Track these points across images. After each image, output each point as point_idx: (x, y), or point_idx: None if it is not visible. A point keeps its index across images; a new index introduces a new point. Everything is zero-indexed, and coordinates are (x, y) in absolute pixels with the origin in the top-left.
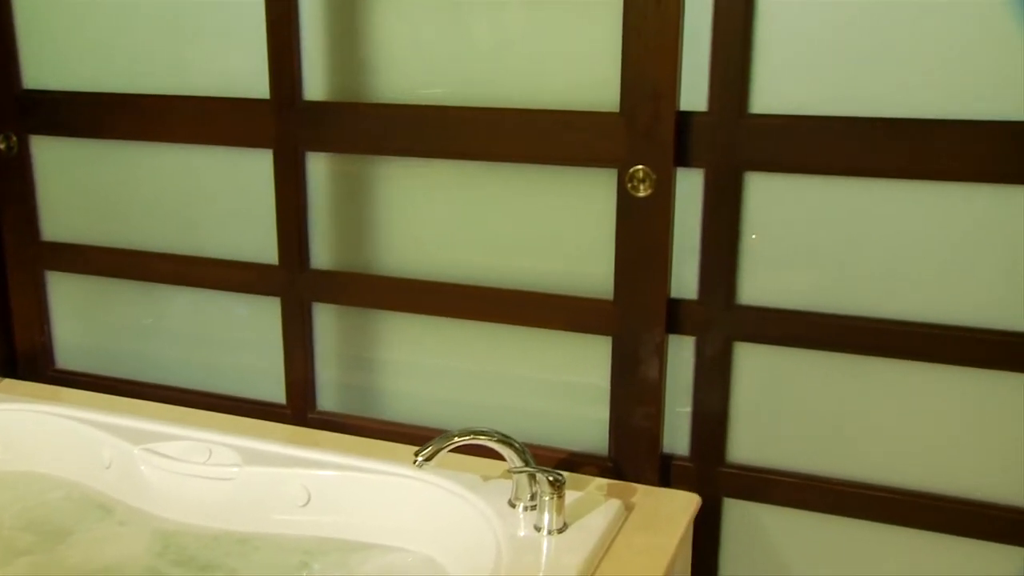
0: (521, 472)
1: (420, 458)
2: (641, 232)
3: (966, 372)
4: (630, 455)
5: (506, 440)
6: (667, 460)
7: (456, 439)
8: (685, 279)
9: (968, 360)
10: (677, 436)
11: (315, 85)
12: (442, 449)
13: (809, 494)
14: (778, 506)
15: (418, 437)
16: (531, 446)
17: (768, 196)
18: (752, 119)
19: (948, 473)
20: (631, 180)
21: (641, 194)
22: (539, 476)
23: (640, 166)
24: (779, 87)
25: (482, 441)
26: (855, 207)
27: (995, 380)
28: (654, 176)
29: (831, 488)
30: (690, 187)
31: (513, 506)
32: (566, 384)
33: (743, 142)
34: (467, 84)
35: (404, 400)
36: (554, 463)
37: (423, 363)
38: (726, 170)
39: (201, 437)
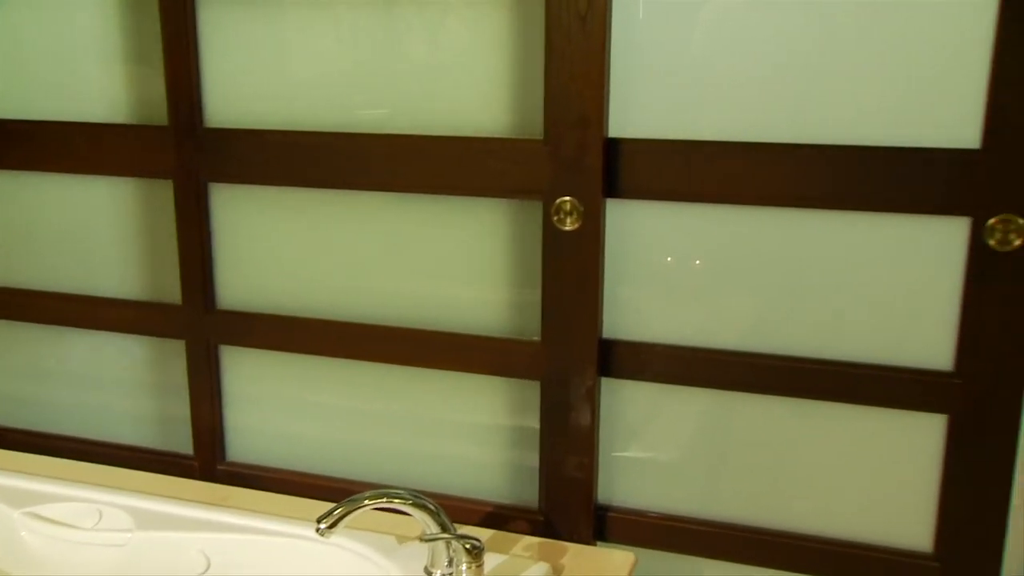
0: (436, 539)
1: (323, 525)
2: (569, 268)
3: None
4: (562, 508)
5: (420, 503)
6: (602, 512)
7: (366, 502)
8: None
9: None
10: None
11: (219, 111)
12: (348, 514)
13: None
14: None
15: (336, 490)
16: (458, 499)
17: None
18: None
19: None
20: (557, 213)
21: (568, 227)
22: (455, 543)
23: (567, 198)
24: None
25: (395, 505)
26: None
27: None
28: (582, 208)
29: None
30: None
31: (429, 574)
32: (494, 431)
33: None
34: (388, 111)
35: (323, 448)
36: (481, 516)
37: (342, 408)
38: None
39: (91, 497)
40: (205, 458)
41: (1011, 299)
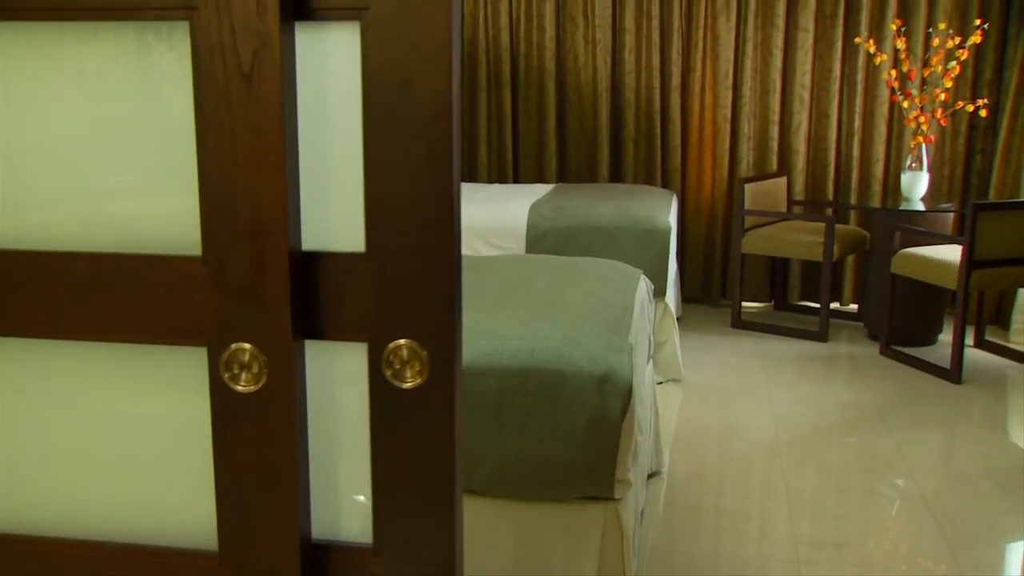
0: None
1: None
2: (251, 446)
3: None
4: None
5: None
6: None
7: None
8: None
9: None
10: None
11: None
12: None
13: None
14: None
15: None
16: None
17: None
18: None
19: None
20: (230, 367)
21: (245, 387)
22: None
23: (244, 344)
24: None
25: None
26: None
27: None
28: (264, 358)
29: None
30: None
31: None
32: None
33: None
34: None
35: None
36: None
37: None
38: None
39: None
40: None
41: (419, 452)
